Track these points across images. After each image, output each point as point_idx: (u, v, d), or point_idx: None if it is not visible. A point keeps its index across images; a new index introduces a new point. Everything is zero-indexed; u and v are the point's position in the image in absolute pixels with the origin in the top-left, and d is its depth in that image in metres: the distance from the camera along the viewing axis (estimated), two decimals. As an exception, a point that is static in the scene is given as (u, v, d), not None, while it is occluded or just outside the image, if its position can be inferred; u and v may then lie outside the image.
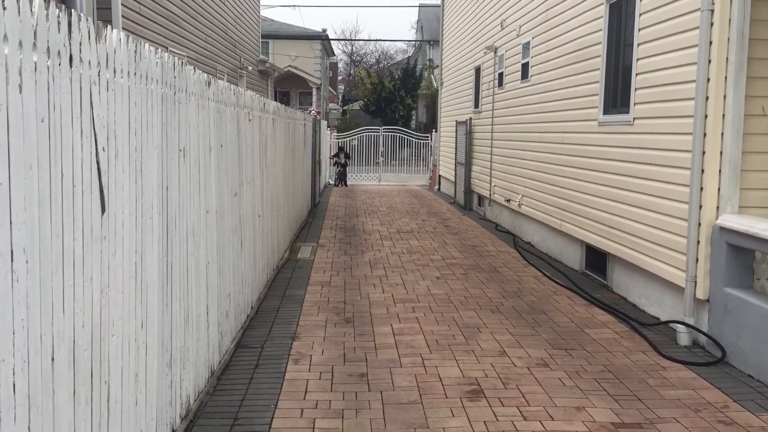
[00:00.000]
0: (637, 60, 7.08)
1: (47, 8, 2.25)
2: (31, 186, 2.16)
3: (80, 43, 2.50)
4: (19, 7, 2.06)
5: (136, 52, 3.12)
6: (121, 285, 2.97)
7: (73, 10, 2.45)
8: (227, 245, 5.30)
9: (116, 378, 2.92)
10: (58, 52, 2.33)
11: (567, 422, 4.30)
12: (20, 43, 2.07)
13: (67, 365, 2.43)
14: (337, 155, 23.24)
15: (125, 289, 3.02)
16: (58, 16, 2.32)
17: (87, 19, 2.57)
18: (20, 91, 2.08)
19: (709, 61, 5.68)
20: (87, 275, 2.58)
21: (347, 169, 23.41)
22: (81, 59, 2.51)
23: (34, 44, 2.16)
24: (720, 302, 5.55)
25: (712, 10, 5.64)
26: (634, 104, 7.14)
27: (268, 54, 31.46)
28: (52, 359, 2.31)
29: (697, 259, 5.82)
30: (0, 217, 1.98)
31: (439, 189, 21.12)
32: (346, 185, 22.75)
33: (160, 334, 3.57)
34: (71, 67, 2.43)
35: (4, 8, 1.98)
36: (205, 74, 4.58)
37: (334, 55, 47.60)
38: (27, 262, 2.13)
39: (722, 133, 5.65)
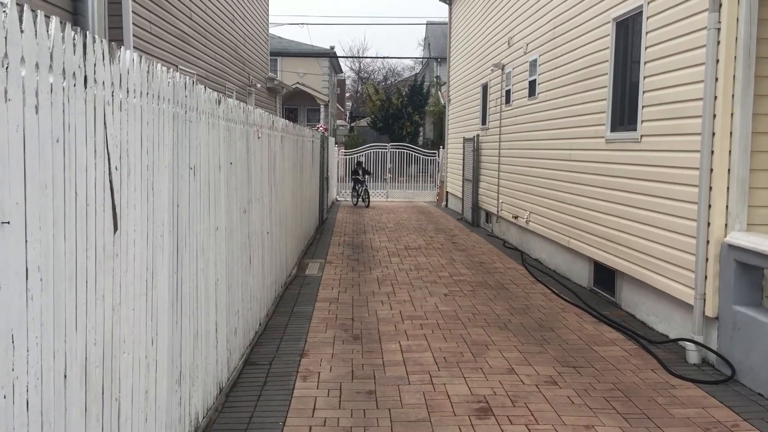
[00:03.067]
0: (644, 78, 7.11)
1: (63, 30, 2.29)
2: (46, 205, 2.19)
3: (95, 64, 2.54)
4: (36, 30, 2.10)
5: (148, 72, 3.17)
6: (133, 302, 3.00)
7: (87, 32, 2.49)
8: (236, 262, 5.32)
9: (127, 395, 2.94)
10: (74, 73, 2.37)
11: (576, 441, 4.28)
12: (37, 65, 2.11)
13: (79, 382, 2.45)
14: (355, 171, 21.94)
15: (136, 307, 3.05)
16: (74, 38, 2.37)
17: (101, 41, 2.61)
18: (36, 112, 2.12)
19: (716, 79, 5.71)
20: (99, 293, 2.61)
21: (366, 186, 21.83)
22: (95, 80, 2.55)
23: (50, 66, 2.20)
24: (729, 320, 5.53)
25: (719, 29, 5.67)
26: (642, 122, 7.16)
27: (276, 71, 31.69)
28: (65, 376, 2.33)
29: (705, 277, 5.81)
30: (16, 236, 2.01)
31: (446, 205, 21.14)
32: (367, 204, 21.04)
33: (170, 351, 3.59)
34: (86, 87, 2.47)
35: (22, 31, 2.02)
36: (215, 93, 4.63)
37: (342, 72, 47.89)
38: (41, 280, 2.16)
39: (730, 151, 5.66)
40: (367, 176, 22.05)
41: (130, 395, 2.99)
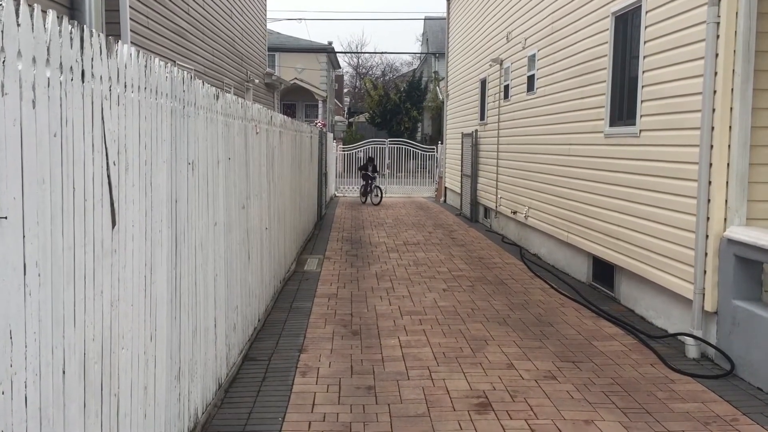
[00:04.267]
0: (643, 72, 7.10)
1: (60, 24, 2.27)
2: (44, 200, 2.18)
3: (92, 59, 2.53)
4: (32, 24, 2.09)
5: (146, 66, 3.15)
6: (131, 298, 2.99)
7: (85, 26, 2.47)
8: (235, 258, 5.31)
9: (125, 391, 2.93)
10: (71, 67, 2.35)
11: (575, 435, 4.28)
12: (34, 59, 2.10)
13: (78, 378, 2.44)
14: (365, 167, 20.86)
15: (135, 302, 3.04)
16: (71, 32, 2.35)
17: (99, 35, 2.60)
18: (33, 107, 2.10)
19: (716, 74, 5.69)
20: (98, 288, 2.60)
21: (376, 182, 20.60)
22: (93, 74, 2.53)
23: (47, 60, 2.19)
24: (728, 314, 5.53)
25: (718, 23, 5.65)
26: (641, 116, 7.15)
27: (274, 67, 31.64)
28: (63, 372, 2.32)
29: (705, 272, 5.80)
30: (14, 231, 2.00)
31: (445, 201, 21.13)
32: (378, 202, 19.96)
33: (169, 347, 3.58)
34: (83, 82, 2.45)
35: (18, 25, 2.00)
36: (214, 88, 4.61)
37: (340, 67, 47.83)
38: (39, 275, 2.15)
39: (729, 145, 5.65)
40: (376, 174, 20.87)
41: (129, 391, 2.98)
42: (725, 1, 5.58)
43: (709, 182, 5.77)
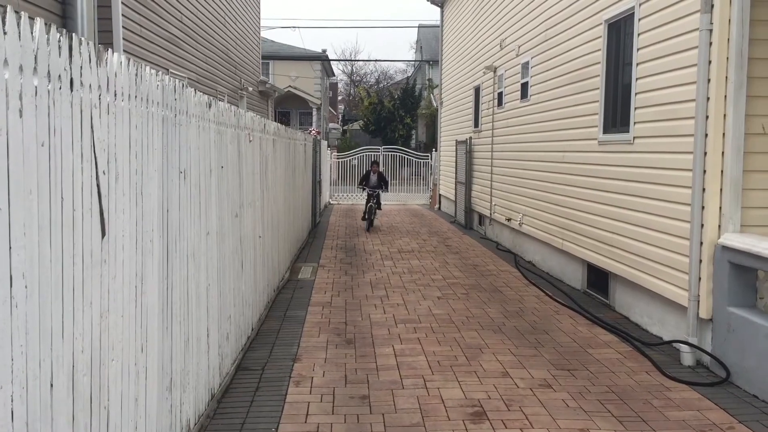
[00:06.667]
0: (637, 79, 7.10)
1: (48, 32, 2.25)
2: (31, 210, 2.14)
3: (81, 67, 2.50)
4: (20, 32, 2.06)
5: (137, 75, 3.12)
6: (121, 309, 2.95)
7: (73, 34, 2.45)
8: (228, 267, 5.27)
9: (116, 403, 2.89)
10: (59, 76, 2.33)
11: (571, 445, 4.25)
12: (21, 68, 2.07)
13: (66, 391, 2.40)
14: (366, 178, 16.25)
15: (125, 313, 3.00)
16: (59, 40, 2.33)
17: (88, 43, 2.57)
18: (20, 116, 2.07)
19: (709, 81, 5.70)
20: (87, 299, 2.56)
21: (380, 198, 16.07)
22: (82, 83, 2.50)
23: (35, 69, 2.16)
24: (723, 322, 5.51)
25: (711, 30, 5.66)
26: (634, 123, 7.15)
27: (268, 75, 31.62)
28: (51, 385, 2.29)
29: (699, 279, 5.79)
30: (-1, 243, 1.96)
31: (439, 208, 21.11)
32: (367, 227, 15.26)
33: (160, 358, 3.54)
34: (72, 90, 2.42)
35: (5, 33, 1.98)
36: (206, 96, 4.58)
37: (334, 75, 47.83)
38: (26, 287, 2.11)
39: (723, 152, 5.65)
40: (383, 187, 16.11)
41: (119, 403, 2.94)
42: (718, 9, 5.59)
43: (703, 189, 5.76)
